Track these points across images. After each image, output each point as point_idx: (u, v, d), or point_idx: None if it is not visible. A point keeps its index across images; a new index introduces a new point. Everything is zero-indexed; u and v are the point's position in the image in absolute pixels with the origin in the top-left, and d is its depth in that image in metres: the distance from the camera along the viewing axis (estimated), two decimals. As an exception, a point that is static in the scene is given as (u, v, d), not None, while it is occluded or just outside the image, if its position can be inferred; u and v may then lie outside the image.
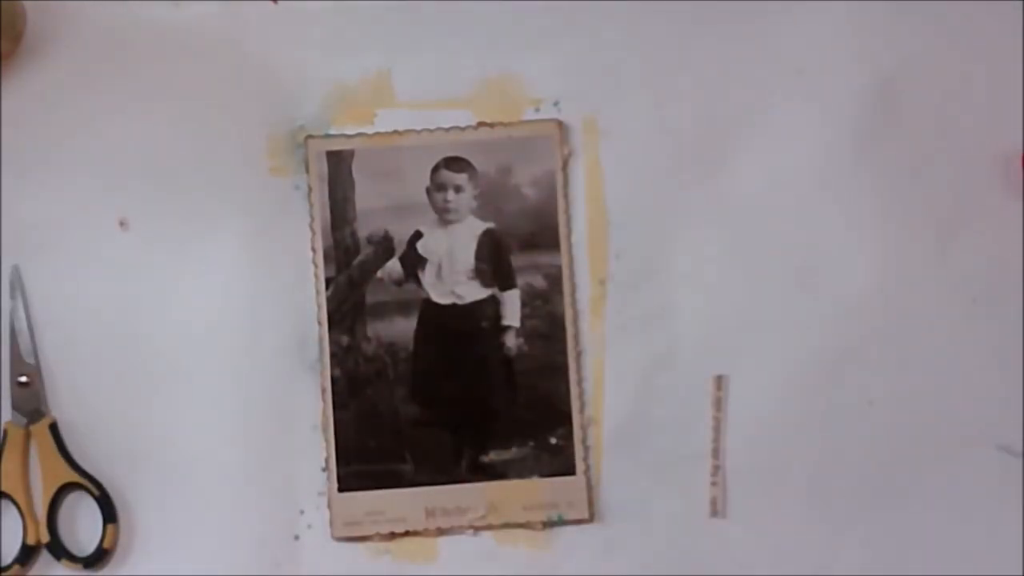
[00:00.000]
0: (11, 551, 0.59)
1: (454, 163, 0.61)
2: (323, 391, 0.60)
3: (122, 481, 0.60)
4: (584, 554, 0.60)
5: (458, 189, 0.61)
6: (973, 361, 0.60)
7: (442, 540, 0.60)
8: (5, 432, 0.60)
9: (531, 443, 0.60)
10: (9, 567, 0.59)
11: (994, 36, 0.62)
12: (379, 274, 0.61)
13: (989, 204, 0.61)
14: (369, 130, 0.62)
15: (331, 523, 0.59)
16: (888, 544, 0.59)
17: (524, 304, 0.61)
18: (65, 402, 0.61)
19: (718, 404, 0.60)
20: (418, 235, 0.61)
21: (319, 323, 0.60)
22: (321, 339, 0.60)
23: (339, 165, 0.61)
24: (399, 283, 0.61)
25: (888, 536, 0.59)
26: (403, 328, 0.60)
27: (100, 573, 0.60)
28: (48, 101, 0.62)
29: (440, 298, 0.61)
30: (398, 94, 0.62)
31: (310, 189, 0.61)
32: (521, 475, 0.60)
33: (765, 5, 0.62)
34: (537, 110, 0.62)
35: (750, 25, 0.62)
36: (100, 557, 0.59)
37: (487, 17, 0.62)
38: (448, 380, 0.60)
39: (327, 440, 0.60)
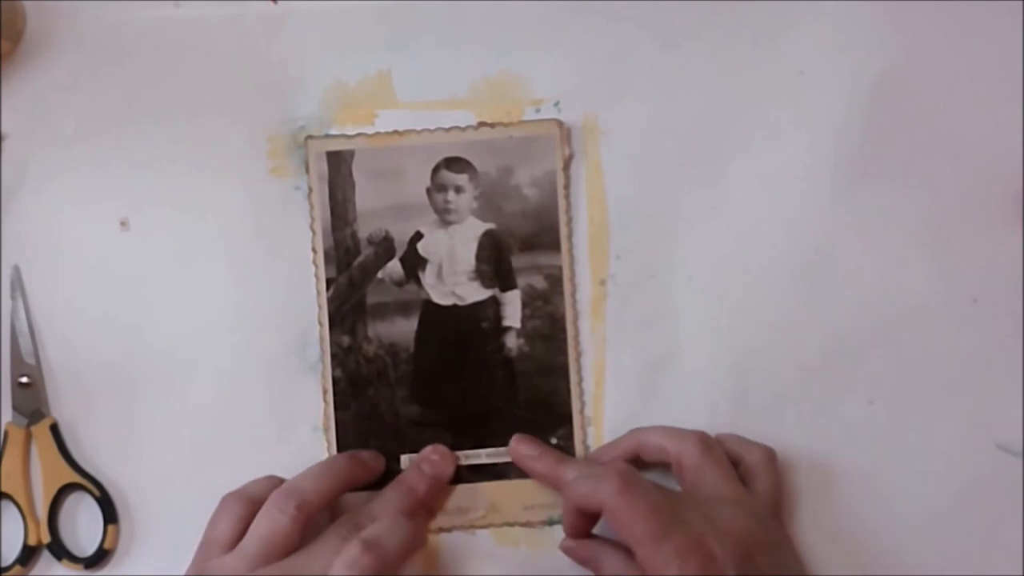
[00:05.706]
0: (12, 552, 0.59)
1: (454, 163, 0.61)
2: (324, 392, 0.60)
3: (122, 481, 0.60)
4: (584, 554, 0.60)
5: (458, 190, 0.61)
6: (973, 361, 0.60)
7: (442, 540, 0.60)
8: (6, 433, 0.60)
9: (532, 443, 0.60)
10: (10, 567, 0.59)
11: (994, 36, 0.62)
12: (380, 275, 0.61)
13: (989, 204, 0.61)
14: (369, 130, 0.62)
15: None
16: (888, 543, 0.59)
17: (525, 305, 0.61)
18: (66, 403, 0.61)
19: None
20: (418, 236, 0.61)
21: (320, 324, 0.60)
22: (322, 340, 0.60)
23: (339, 165, 0.61)
24: (400, 284, 0.61)
25: (888, 535, 0.59)
26: (404, 329, 0.60)
27: (101, 574, 0.60)
28: (48, 101, 0.62)
29: (441, 299, 0.61)
30: (398, 94, 0.62)
31: (310, 190, 0.61)
32: (521, 475, 0.60)
33: (765, 5, 0.62)
34: (537, 110, 0.62)
35: (750, 26, 0.62)
36: (101, 557, 0.59)
37: (487, 17, 0.62)
38: (449, 381, 0.60)
39: (328, 441, 0.60)
